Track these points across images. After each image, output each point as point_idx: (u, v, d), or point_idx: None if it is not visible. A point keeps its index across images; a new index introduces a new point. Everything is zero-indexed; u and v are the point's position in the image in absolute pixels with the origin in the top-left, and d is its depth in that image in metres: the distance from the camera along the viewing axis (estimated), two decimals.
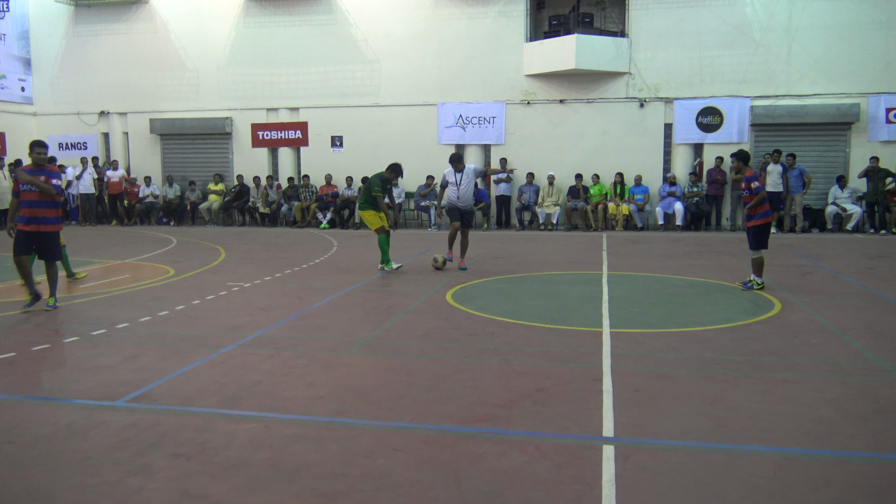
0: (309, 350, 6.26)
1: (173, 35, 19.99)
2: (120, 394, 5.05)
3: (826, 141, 16.96)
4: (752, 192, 9.01)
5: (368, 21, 18.76)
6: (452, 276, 10.22)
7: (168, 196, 19.82)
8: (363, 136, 19.09)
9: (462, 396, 4.97)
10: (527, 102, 18.12)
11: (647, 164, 17.60)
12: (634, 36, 17.40)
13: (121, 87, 20.41)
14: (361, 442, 4.18)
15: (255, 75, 19.58)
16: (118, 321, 7.40)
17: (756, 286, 9.03)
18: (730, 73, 17.02)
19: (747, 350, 6.20)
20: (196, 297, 8.70)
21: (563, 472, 3.75)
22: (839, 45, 16.39)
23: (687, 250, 13.30)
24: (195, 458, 3.94)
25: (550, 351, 6.21)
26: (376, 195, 10.60)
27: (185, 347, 6.36)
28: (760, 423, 4.44)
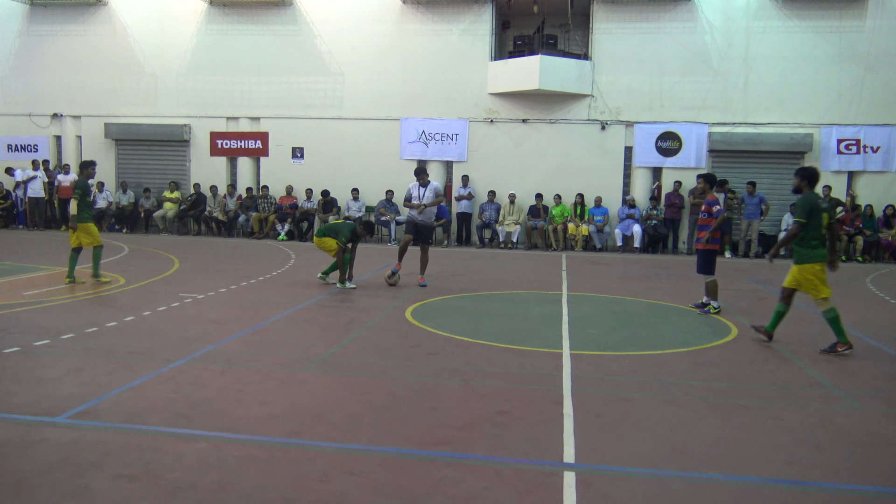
0: (263, 366, 6.07)
1: (132, 39, 19.56)
2: (61, 409, 4.81)
3: (780, 169, 17.36)
4: (711, 215, 9.18)
5: (333, 33, 18.64)
6: (412, 293, 10.10)
7: (121, 203, 19.29)
8: (325, 148, 18.90)
9: (421, 418, 4.86)
10: (490, 121, 18.17)
11: (607, 186, 17.78)
12: (597, 59, 17.63)
13: (75, 90, 19.87)
14: (316, 465, 4.03)
15: (216, 83, 19.26)
16: (63, 331, 7.10)
17: (713, 311, 9.13)
18: (689, 99, 17.35)
19: (706, 375, 6.22)
20: (147, 308, 8.42)
21: (524, 499, 3.67)
22: (794, 76, 16.84)
23: (645, 272, 13.42)
24: (139, 480, 3.75)
25: (511, 372, 6.14)
26: (339, 243, 10.24)
27: (133, 361, 6.12)
28: (720, 450, 4.42)
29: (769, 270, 14.13)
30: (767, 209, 16.66)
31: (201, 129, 19.52)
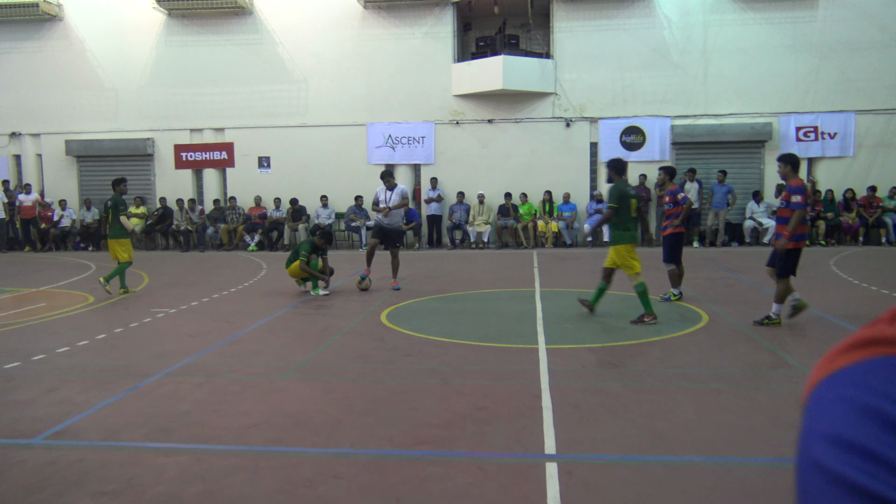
0: (241, 376, 6.05)
1: (90, 53, 19.27)
2: (37, 430, 4.75)
3: (742, 158, 17.70)
4: (677, 203, 9.35)
5: (295, 41, 18.57)
6: (386, 297, 10.12)
7: (86, 220, 19.00)
8: (291, 156, 18.81)
9: (402, 419, 4.88)
10: (456, 122, 18.25)
11: (575, 182, 17.96)
12: (559, 57, 17.80)
13: (34, 107, 19.51)
14: (300, 470, 4.04)
15: (178, 95, 19.06)
16: (34, 353, 6.99)
17: (674, 297, 9.31)
18: (651, 93, 17.60)
19: (679, 362, 6.34)
20: (118, 325, 8.32)
21: (509, 492, 3.72)
22: (751, 67, 17.19)
23: None
24: (122, 496, 3.72)
25: (489, 369, 6.20)
26: (302, 259, 10.26)
27: (108, 378, 6.05)
28: (697, 433, 4.52)
29: (737, 258, 14.40)
30: (734, 200, 16.96)
31: (165, 143, 19.30)
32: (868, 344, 0.45)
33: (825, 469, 0.42)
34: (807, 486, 0.43)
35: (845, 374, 0.45)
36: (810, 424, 0.45)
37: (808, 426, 0.46)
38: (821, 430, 0.44)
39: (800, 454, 0.46)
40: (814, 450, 0.44)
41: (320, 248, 10.54)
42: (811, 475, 0.43)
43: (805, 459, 0.45)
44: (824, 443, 0.43)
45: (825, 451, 0.43)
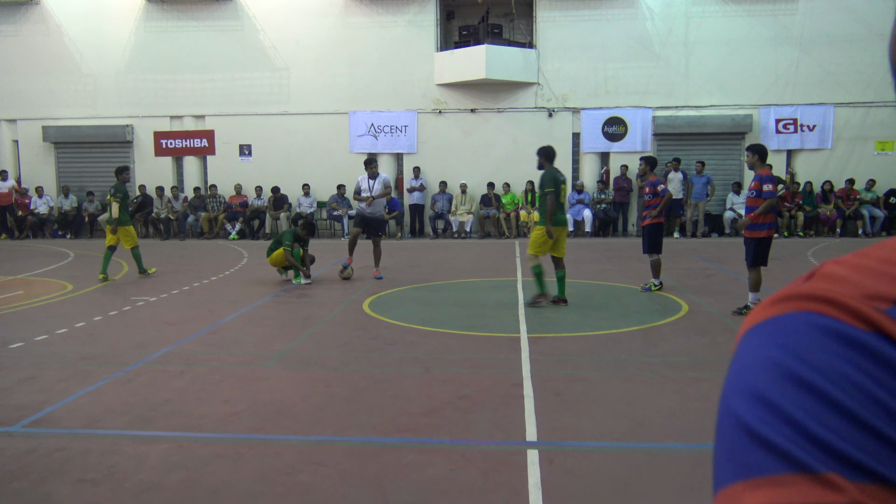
0: (223, 365, 6.03)
1: (67, 38, 18.97)
2: (16, 418, 4.71)
3: (723, 150, 17.84)
4: (657, 194, 9.40)
5: (276, 28, 18.40)
6: (368, 286, 10.11)
7: (64, 208, 18.76)
8: (273, 144, 18.67)
9: (384, 407, 4.89)
10: (438, 111, 18.21)
11: None
12: (542, 47, 17.80)
13: (10, 93, 19.17)
14: (282, 458, 4.04)
15: (158, 81, 18.83)
16: (11, 341, 6.91)
17: (654, 287, 9.39)
18: (633, 84, 17.66)
19: (660, 351, 6.40)
20: (97, 314, 8.25)
21: (490, 478, 3.74)
22: (732, 59, 17.29)
23: (596, 256, 13.66)
24: (103, 484, 3.71)
25: (470, 358, 6.22)
26: (285, 248, 10.22)
27: (87, 366, 6.01)
28: (677, 421, 4.57)
29: (717, 249, 14.54)
30: (713, 190, 17.10)
31: (144, 130, 19.08)
32: (786, 299, 0.47)
33: (736, 416, 0.45)
34: (724, 438, 0.46)
35: (761, 327, 0.47)
36: (730, 375, 0.48)
37: (728, 376, 0.48)
38: (737, 381, 0.47)
39: (721, 403, 0.48)
40: (729, 399, 0.47)
41: (302, 238, 10.50)
42: (726, 423, 0.46)
43: (722, 408, 0.48)
44: (738, 394, 0.46)
45: (738, 401, 0.46)
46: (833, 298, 0.45)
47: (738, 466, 0.44)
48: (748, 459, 0.43)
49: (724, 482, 0.45)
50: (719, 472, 0.46)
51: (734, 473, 0.44)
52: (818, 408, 0.42)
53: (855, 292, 0.45)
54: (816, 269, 0.49)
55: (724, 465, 0.45)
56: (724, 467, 0.45)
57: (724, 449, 0.46)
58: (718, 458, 0.47)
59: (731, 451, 0.45)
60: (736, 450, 0.44)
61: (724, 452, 0.46)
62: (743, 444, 0.44)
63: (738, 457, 0.44)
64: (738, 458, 0.44)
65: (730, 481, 0.44)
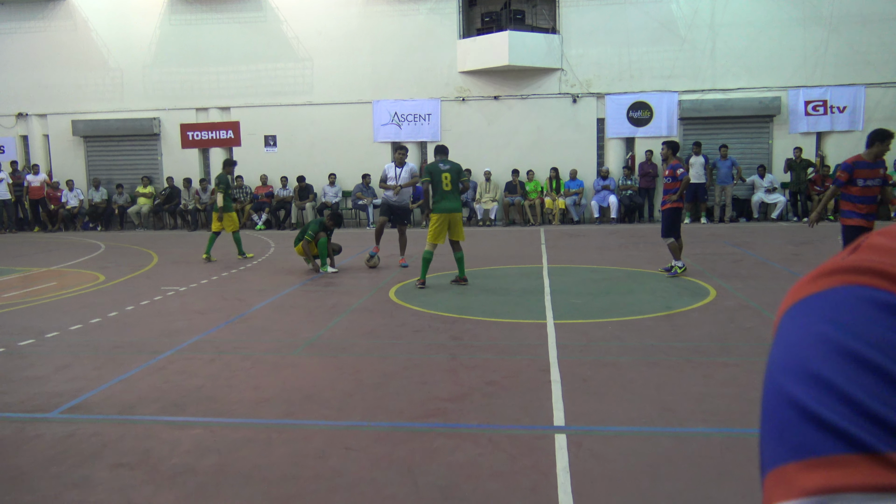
0: (252, 352, 6.12)
1: (94, 33, 19.22)
2: (53, 405, 4.83)
3: (750, 133, 17.58)
4: (676, 178, 9.35)
5: (299, 18, 18.46)
6: (394, 274, 10.16)
7: (94, 200, 19.06)
8: (297, 135, 18.78)
9: (412, 393, 4.94)
10: (461, 99, 18.17)
11: (581, 159, 17.89)
12: (565, 32, 17.66)
13: (40, 88, 19.51)
14: (312, 443, 4.10)
15: (183, 74, 19.02)
16: (47, 330, 7.07)
17: (679, 270, 9.33)
18: (658, 68, 17.46)
19: (687, 336, 6.36)
20: (129, 303, 8.40)
21: (518, 462, 3.77)
22: (760, 40, 17.00)
23: (622, 242, 13.58)
24: (139, 468, 3.79)
25: (497, 344, 6.24)
26: (307, 238, 10.33)
27: (120, 355, 6.13)
28: (705, 405, 4.56)
29: (744, 234, 14.37)
30: (739, 173, 16.87)
31: (171, 122, 19.29)
32: (831, 273, 0.46)
33: (787, 395, 0.44)
34: (774, 417, 0.44)
35: (807, 303, 0.46)
36: (776, 354, 0.46)
37: (774, 355, 0.47)
38: (785, 359, 0.45)
39: (767, 382, 0.46)
40: (777, 379, 0.45)
41: (329, 228, 10.57)
42: (776, 402, 0.45)
43: (770, 388, 0.46)
44: (788, 373, 0.44)
45: (788, 380, 0.44)
46: (882, 270, 0.44)
47: (790, 447, 0.42)
48: (802, 440, 0.41)
49: (774, 463, 0.43)
50: (769, 454, 0.44)
51: (786, 454, 0.42)
52: (875, 384, 0.40)
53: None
54: (861, 242, 0.48)
55: (775, 447, 0.43)
56: (774, 448, 0.43)
57: (774, 430, 0.44)
58: (767, 439, 0.45)
59: (782, 432, 0.43)
60: (788, 430, 0.42)
61: (774, 433, 0.44)
62: (796, 424, 0.42)
63: (791, 437, 0.42)
64: (791, 439, 0.42)
65: (782, 462, 0.42)
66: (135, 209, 18.83)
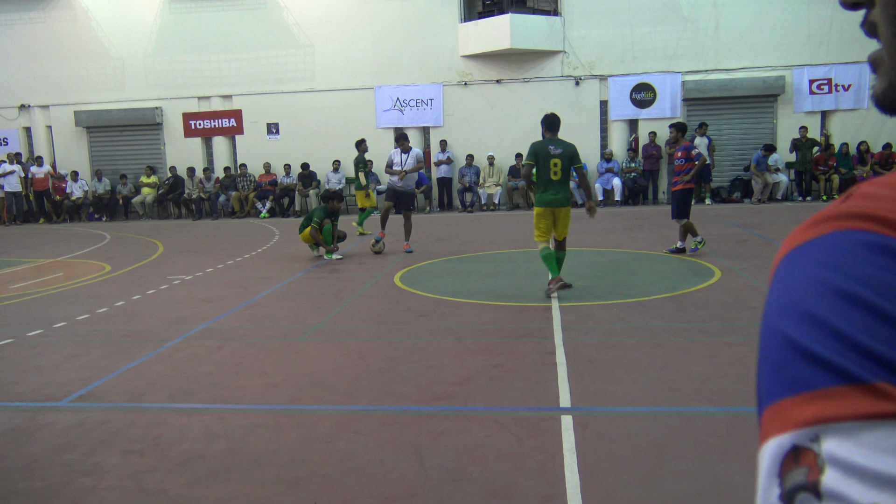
0: (259, 339, 6.15)
1: (95, 22, 19.16)
2: (63, 394, 4.87)
3: (754, 113, 17.49)
4: (690, 159, 9.32)
5: (299, 5, 18.37)
6: (399, 260, 10.18)
7: (98, 191, 19.10)
8: (300, 122, 18.75)
9: (418, 376, 4.96)
10: (464, 83, 18.09)
11: (585, 141, 17.72)
12: (567, 14, 17.54)
13: (41, 79, 19.50)
14: (320, 427, 4.13)
15: (184, 63, 18.98)
16: (55, 320, 7.12)
17: (700, 246, 9.39)
18: (661, 49, 17.34)
19: (692, 317, 6.37)
20: (136, 293, 8.44)
21: (525, 443, 3.79)
22: (763, 19, 16.86)
23: (627, 224, 13.56)
24: (149, 454, 3.83)
25: (503, 328, 6.26)
26: (314, 225, 10.31)
27: (128, 343, 6.17)
28: (710, 385, 4.57)
29: (749, 214, 14.34)
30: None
31: (173, 111, 19.27)
32: (824, 220, 0.48)
33: (782, 335, 0.45)
34: (770, 356, 0.46)
35: (801, 249, 0.48)
36: (772, 297, 0.48)
37: (770, 299, 0.48)
38: (780, 301, 0.47)
39: (763, 325, 0.48)
40: (773, 320, 0.47)
41: (334, 211, 10.59)
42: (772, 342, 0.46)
43: (766, 329, 0.48)
44: (783, 313, 0.46)
45: (783, 320, 0.46)
46: (872, 214, 0.45)
47: (785, 382, 0.44)
48: (796, 375, 0.43)
49: (770, 399, 0.45)
50: (765, 391, 0.46)
51: (781, 389, 0.44)
52: (865, 319, 0.42)
53: (893, 207, 0.45)
54: (853, 191, 0.50)
55: (771, 384, 0.45)
56: (770, 386, 0.45)
57: (770, 367, 0.46)
58: (764, 377, 0.46)
59: (777, 369, 0.45)
60: (783, 366, 0.44)
61: (770, 370, 0.45)
62: (790, 360, 0.44)
63: (786, 373, 0.44)
64: (786, 375, 0.44)
65: (777, 398, 0.44)
66: (139, 199, 18.86)
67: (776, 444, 0.43)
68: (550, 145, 7.39)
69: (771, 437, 0.44)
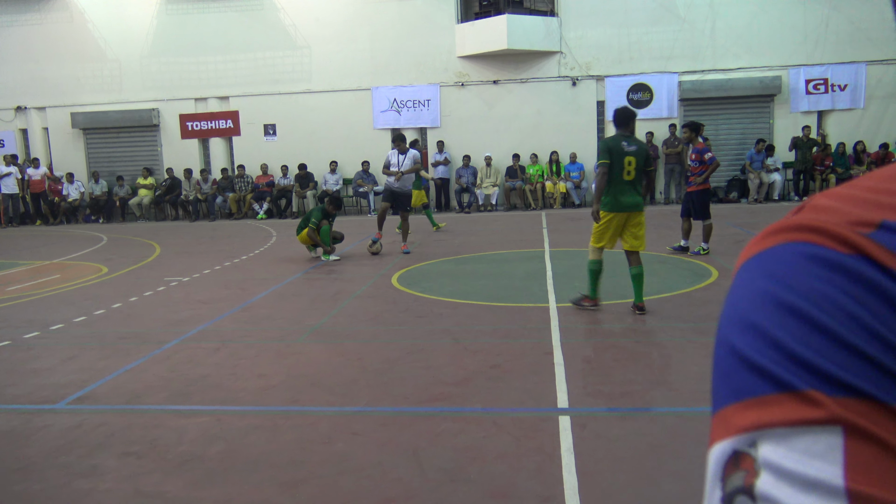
0: (256, 340, 6.14)
1: (91, 24, 19.13)
2: (60, 396, 4.86)
3: (751, 113, 17.51)
4: (704, 162, 9.31)
5: (296, 6, 18.36)
6: (396, 261, 10.17)
7: (95, 193, 19.06)
8: (297, 123, 18.73)
9: (416, 377, 4.96)
10: (461, 84, 18.10)
11: (582, 142, 17.83)
12: (564, 15, 17.55)
13: (37, 81, 19.45)
14: (318, 428, 4.13)
15: (181, 64, 18.95)
16: (52, 322, 7.10)
17: (703, 252, 9.40)
18: (657, 49, 17.36)
19: (690, 316, 6.38)
20: (133, 294, 8.42)
21: (523, 444, 3.79)
22: (760, 19, 16.89)
23: None
24: (146, 456, 3.82)
25: (500, 328, 6.26)
26: (311, 226, 10.31)
27: (126, 345, 6.16)
28: (707, 384, 4.56)
29: (746, 214, 14.36)
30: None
31: (170, 113, 19.25)
32: (775, 232, 0.50)
33: (729, 344, 0.47)
34: (719, 365, 0.48)
35: (753, 261, 0.49)
36: (725, 308, 0.50)
37: (724, 310, 0.50)
38: (730, 312, 0.49)
39: (716, 335, 0.50)
40: (723, 330, 0.49)
41: (331, 214, 10.59)
42: (721, 351, 0.48)
43: (718, 339, 0.50)
44: (731, 324, 0.48)
45: (731, 330, 0.48)
46: (818, 227, 0.47)
47: (730, 390, 0.46)
48: (738, 383, 0.45)
49: (718, 405, 0.47)
50: (715, 398, 0.48)
51: (727, 397, 0.46)
52: (800, 329, 0.44)
53: (840, 220, 0.47)
54: (806, 202, 0.51)
55: (718, 390, 0.47)
56: (718, 392, 0.47)
57: (720, 376, 0.48)
58: (714, 385, 0.49)
59: (724, 377, 0.47)
60: (728, 375, 0.46)
61: (719, 378, 0.48)
62: (734, 368, 0.46)
63: (730, 381, 0.46)
64: (730, 383, 0.46)
65: (723, 405, 0.46)
66: (136, 201, 18.83)
67: (720, 449, 0.45)
68: (623, 141, 6.54)
69: (716, 442, 0.46)
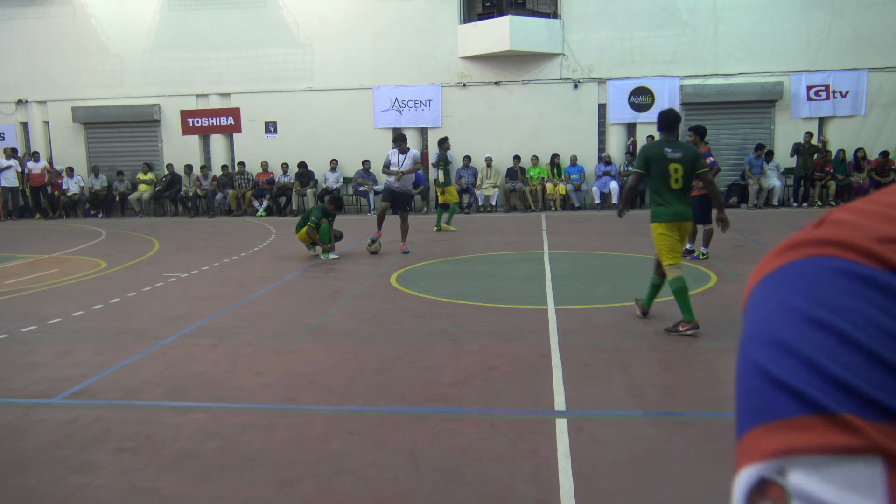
0: (254, 338, 6.13)
1: (93, 18, 19.11)
2: (56, 390, 4.85)
3: (752, 119, 17.51)
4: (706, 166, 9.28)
5: (299, 3, 18.35)
6: (395, 260, 10.16)
7: (94, 187, 19.04)
8: (298, 121, 18.72)
9: (413, 378, 4.95)
10: (462, 85, 18.09)
11: (583, 144, 17.84)
12: (566, 17, 17.55)
13: (39, 74, 19.43)
14: (315, 427, 4.12)
15: (183, 60, 18.93)
16: (49, 317, 7.09)
17: (702, 256, 9.38)
18: (660, 53, 17.36)
19: None
20: (131, 290, 8.41)
21: (519, 446, 3.79)
22: (762, 25, 16.90)
23: (624, 228, 13.52)
24: (142, 452, 3.81)
25: (498, 330, 6.25)
26: (311, 225, 10.29)
27: (123, 340, 6.15)
28: (706, 390, 4.57)
29: (746, 219, 14.35)
30: None
31: (171, 108, 19.23)
32: (797, 246, 0.47)
33: (754, 363, 0.45)
34: (744, 385, 0.46)
35: (774, 275, 0.47)
36: (747, 325, 0.48)
37: (745, 327, 0.48)
38: (753, 329, 0.46)
39: (739, 354, 0.48)
40: (746, 348, 0.46)
41: (330, 213, 10.58)
42: (745, 370, 0.46)
43: (741, 358, 0.47)
44: (755, 341, 0.45)
45: (755, 348, 0.45)
46: (845, 241, 0.45)
47: (756, 412, 0.43)
48: (766, 404, 0.42)
49: (743, 429, 0.44)
50: (740, 421, 0.45)
51: (753, 419, 0.43)
52: (834, 346, 0.41)
53: (865, 235, 0.45)
54: (825, 217, 0.49)
55: (745, 413, 0.45)
56: (744, 415, 0.45)
57: (744, 397, 0.45)
58: (739, 407, 0.46)
59: (749, 398, 0.44)
60: (755, 395, 0.43)
61: (744, 401, 0.45)
62: (761, 388, 0.43)
63: (757, 402, 0.43)
64: (757, 404, 0.43)
65: (749, 427, 0.43)
66: (135, 196, 18.81)
67: (745, 475, 0.42)
68: (667, 147, 6.10)
69: (741, 467, 0.43)
